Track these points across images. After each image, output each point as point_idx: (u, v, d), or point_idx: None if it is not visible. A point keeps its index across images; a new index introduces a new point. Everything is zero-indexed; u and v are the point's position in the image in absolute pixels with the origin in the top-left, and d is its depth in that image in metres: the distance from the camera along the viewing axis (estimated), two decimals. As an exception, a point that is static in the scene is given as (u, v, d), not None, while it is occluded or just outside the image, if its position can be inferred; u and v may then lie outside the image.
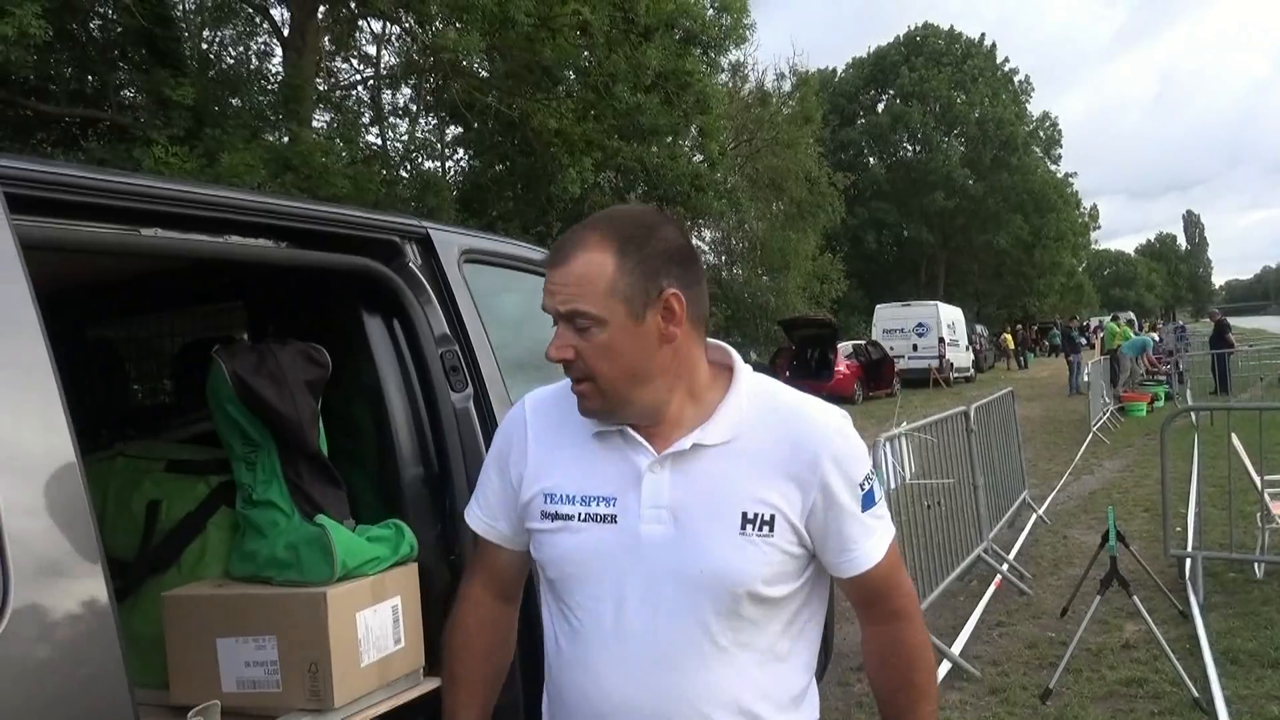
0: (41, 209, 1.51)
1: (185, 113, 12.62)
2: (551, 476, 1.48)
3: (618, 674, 1.42)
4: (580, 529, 1.44)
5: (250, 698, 2.01)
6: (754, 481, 1.40)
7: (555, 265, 1.39)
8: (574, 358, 1.37)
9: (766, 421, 1.44)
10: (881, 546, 1.47)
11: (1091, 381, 15.07)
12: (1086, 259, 64.93)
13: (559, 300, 1.36)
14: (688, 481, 1.41)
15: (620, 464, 1.44)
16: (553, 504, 1.46)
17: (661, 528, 1.40)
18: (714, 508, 1.40)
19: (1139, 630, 5.08)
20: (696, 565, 1.38)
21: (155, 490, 2.36)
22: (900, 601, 1.52)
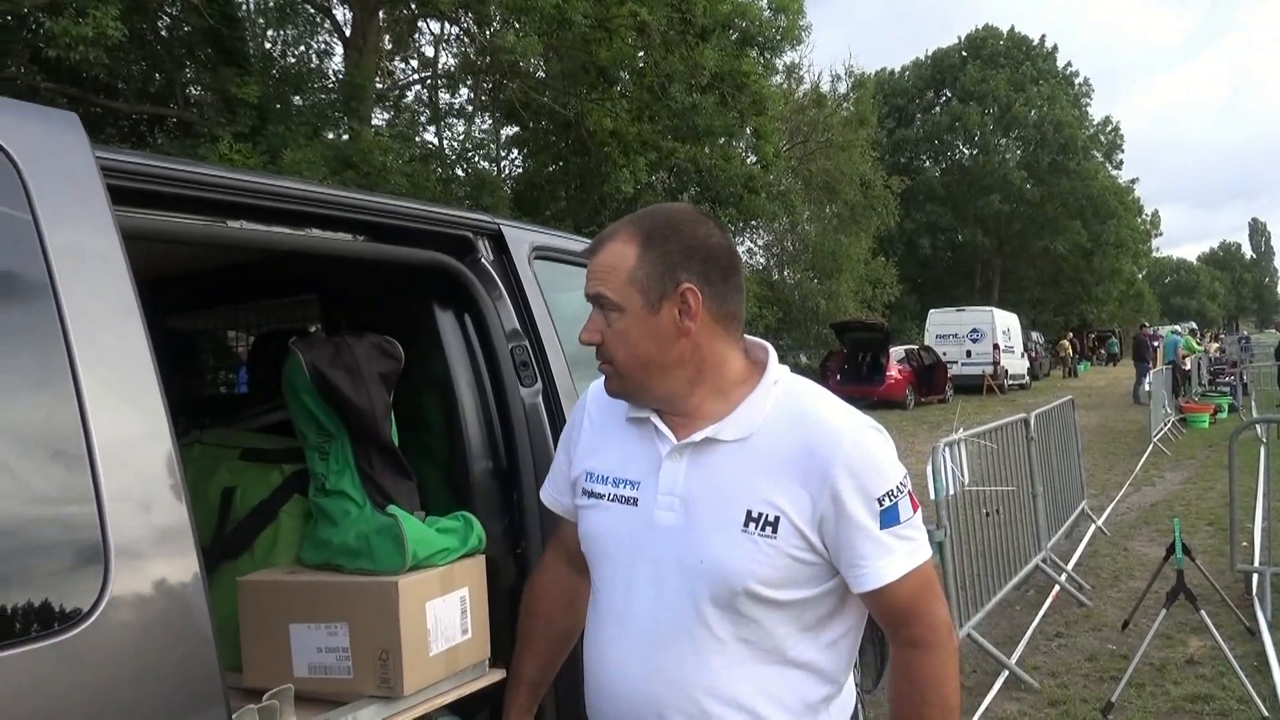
0: (138, 200, 1.56)
1: (249, 110, 12.87)
2: (595, 456, 1.58)
3: (620, 651, 1.49)
4: (608, 508, 1.53)
5: (322, 683, 2.05)
6: (763, 481, 1.41)
7: (590, 254, 1.49)
8: (601, 341, 1.47)
9: (786, 423, 1.45)
10: (898, 567, 1.41)
11: (1153, 392, 14.71)
12: (1147, 266, 63.50)
13: (588, 285, 1.47)
14: (700, 473, 1.45)
15: (647, 450, 1.51)
16: (591, 482, 1.57)
17: (672, 515, 1.45)
18: (720, 502, 1.43)
19: (1204, 646, 4.96)
20: (696, 556, 1.42)
21: (230, 477, 2.41)
22: (920, 630, 1.45)
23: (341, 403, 2.17)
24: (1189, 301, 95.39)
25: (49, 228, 1.27)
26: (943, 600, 1.51)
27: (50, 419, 1.24)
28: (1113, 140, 50.89)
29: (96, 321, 1.30)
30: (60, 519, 1.23)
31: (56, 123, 1.37)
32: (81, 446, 1.23)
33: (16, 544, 1.19)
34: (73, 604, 1.20)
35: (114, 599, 1.22)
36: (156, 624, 1.28)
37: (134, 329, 1.34)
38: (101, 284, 1.32)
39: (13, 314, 1.25)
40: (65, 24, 10.34)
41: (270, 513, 2.36)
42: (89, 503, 1.22)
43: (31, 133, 1.32)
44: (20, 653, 1.14)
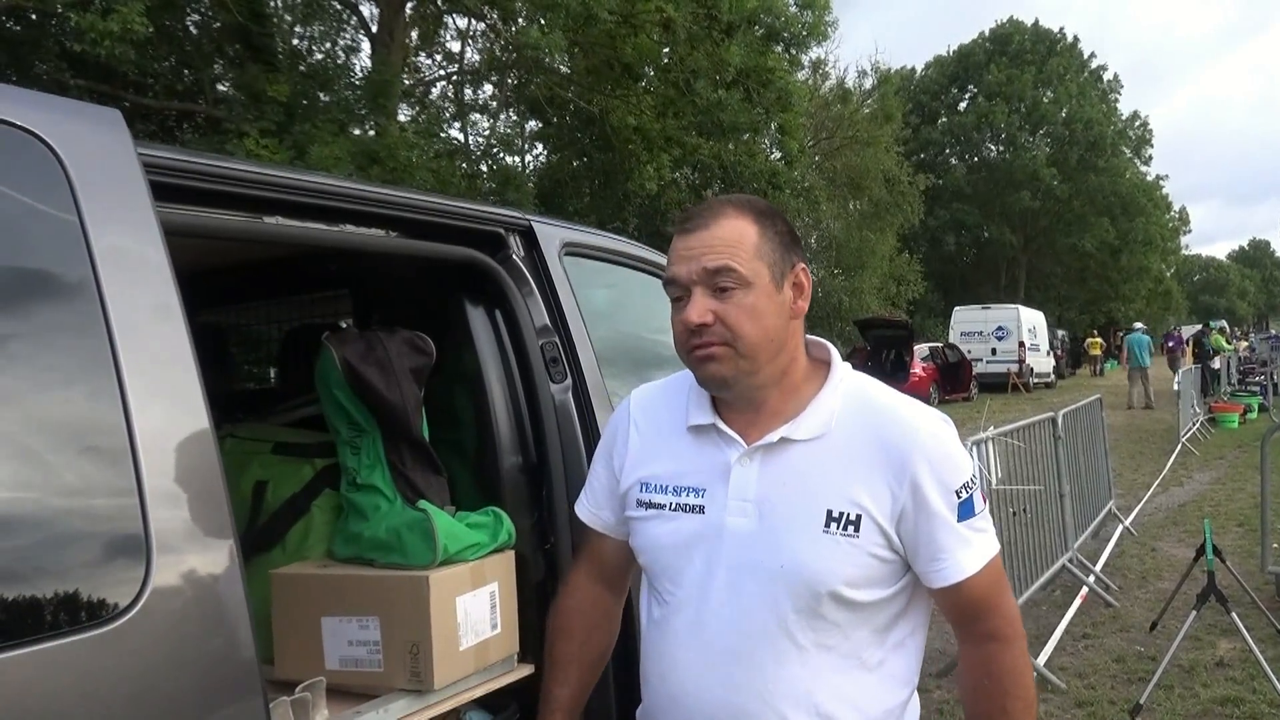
0: (177, 196, 1.57)
1: (277, 106, 12.95)
2: (649, 466, 1.53)
3: (695, 663, 1.43)
4: (671, 518, 1.47)
5: (353, 676, 2.07)
6: (842, 479, 1.39)
7: (694, 230, 1.40)
8: (713, 321, 1.38)
9: (859, 420, 1.43)
10: (978, 560, 1.42)
11: (1182, 391, 14.55)
12: (1175, 264, 62.77)
13: (706, 260, 1.37)
14: (775, 476, 1.41)
15: (712, 456, 1.46)
16: (648, 492, 1.51)
17: (746, 521, 1.40)
18: (799, 504, 1.39)
19: (1234, 648, 4.90)
20: (777, 561, 1.38)
21: (262, 471, 2.43)
22: (997, 623, 1.45)
23: (373, 398, 2.19)
24: (1218, 300, 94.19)
25: (93, 224, 1.29)
26: (1011, 592, 1.53)
27: (94, 414, 1.26)
28: (1141, 136, 50.33)
29: (139, 318, 1.31)
30: (103, 513, 1.25)
31: (101, 119, 1.38)
32: (124, 442, 1.25)
33: (61, 537, 1.21)
34: (115, 596, 1.21)
35: (155, 591, 1.24)
36: (196, 616, 1.29)
37: (175, 326, 1.36)
38: (144, 281, 1.34)
39: (58, 310, 1.27)
40: (92, 19, 10.44)
41: (302, 507, 2.38)
42: (131, 497, 1.24)
43: (77, 129, 1.33)
44: (65, 643, 1.16)
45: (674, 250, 1.42)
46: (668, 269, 1.42)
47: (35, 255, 1.26)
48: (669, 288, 1.42)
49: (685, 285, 1.39)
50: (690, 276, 1.38)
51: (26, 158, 1.27)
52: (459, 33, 19.00)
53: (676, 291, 1.41)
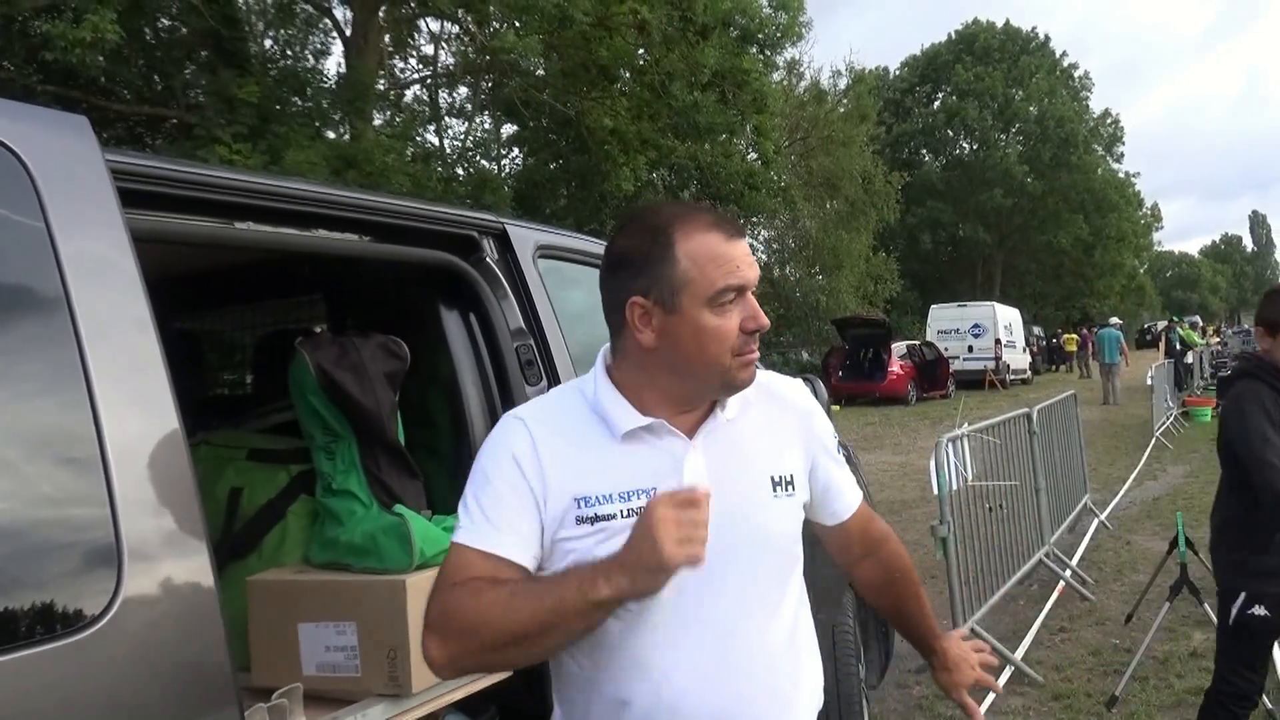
0: (147, 203, 1.56)
1: (250, 111, 12.87)
2: (581, 482, 1.41)
3: (688, 663, 1.40)
4: (626, 525, 1.38)
5: (330, 681, 2.06)
6: (771, 447, 1.51)
7: (740, 238, 1.42)
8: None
9: (760, 393, 1.52)
10: (858, 488, 1.67)
11: (1155, 386, 14.71)
12: (1148, 260, 63.42)
13: (755, 267, 1.42)
14: (719, 458, 1.45)
15: (653, 456, 1.43)
16: (589, 507, 1.40)
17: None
18: (747, 477, 1.46)
19: (1207, 639, 4.96)
20: (743, 535, 1.42)
21: (237, 478, 2.42)
22: (881, 525, 1.71)
23: (348, 403, 2.19)
24: (1191, 295, 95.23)
25: (61, 231, 1.28)
26: None
27: (63, 423, 1.25)
28: (1113, 133, 50.82)
29: (108, 326, 1.31)
30: (74, 522, 1.24)
31: (67, 125, 1.38)
32: (95, 450, 1.24)
33: (32, 547, 1.20)
34: (87, 605, 1.21)
35: (127, 600, 1.23)
36: (169, 624, 1.29)
37: (145, 333, 1.35)
38: (113, 288, 1.33)
39: (26, 318, 1.26)
40: (63, 27, 10.34)
41: (277, 513, 2.38)
42: (102, 506, 1.23)
43: (43, 136, 1.33)
44: (36, 653, 1.15)
45: (734, 256, 1.38)
46: (735, 273, 1.37)
47: (2, 263, 1.26)
48: (727, 292, 1.37)
49: (748, 289, 1.40)
50: (755, 281, 1.41)
51: (-9, 165, 1.26)
52: (432, 36, 18.96)
53: (733, 296, 1.38)
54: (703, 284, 1.36)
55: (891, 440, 15.51)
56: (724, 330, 1.38)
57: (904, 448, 14.37)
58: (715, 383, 1.43)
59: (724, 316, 1.38)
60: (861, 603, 3.81)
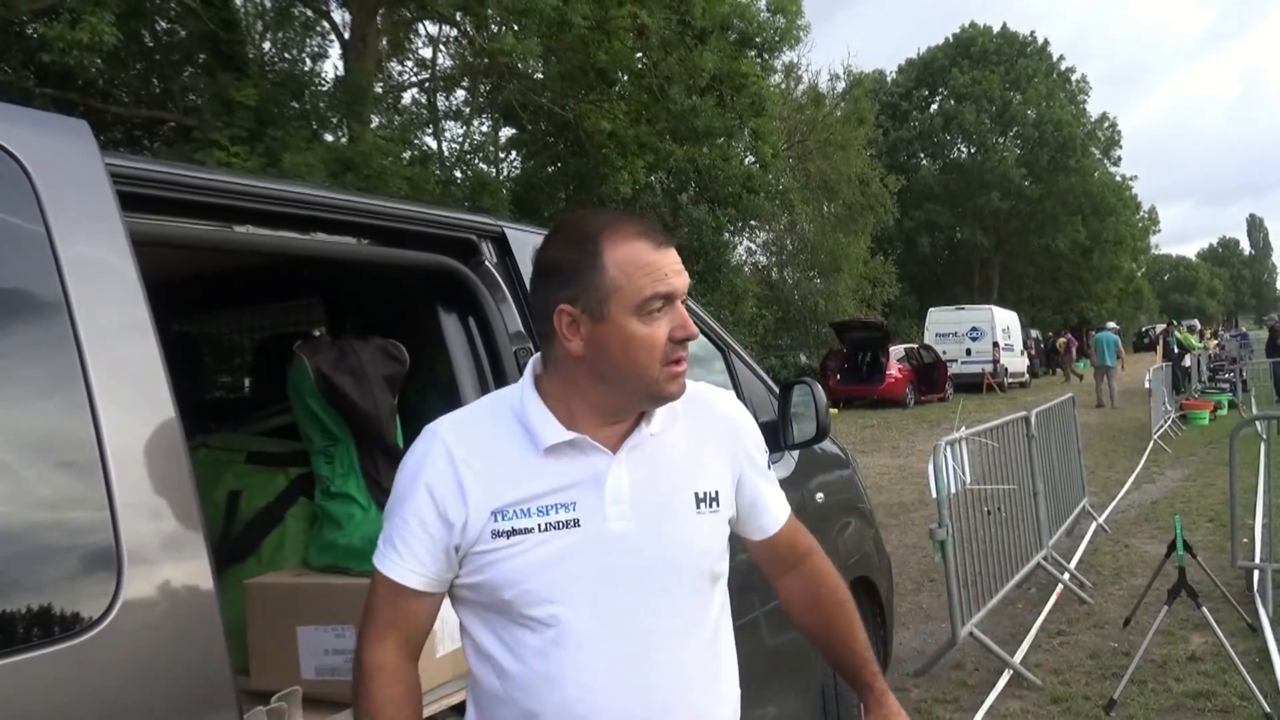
0: (146, 207, 1.57)
1: (248, 114, 12.87)
2: (501, 495, 1.40)
3: (604, 678, 1.39)
4: (542, 539, 1.38)
5: (329, 685, 2.06)
6: (696, 462, 1.49)
7: (670, 246, 1.40)
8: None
9: (689, 407, 1.50)
10: (786, 503, 1.64)
11: (1153, 389, 14.73)
12: (1146, 264, 63.51)
13: (683, 278, 1.40)
14: (642, 473, 1.44)
15: (575, 469, 1.41)
16: (505, 520, 1.39)
17: (625, 523, 1.41)
18: (670, 493, 1.45)
19: (1205, 642, 4.97)
20: (664, 552, 1.42)
21: (236, 481, 2.42)
22: (808, 538, 1.68)
23: (346, 406, 2.19)
24: (1188, 298, 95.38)
25: (61, 235, 1.28)
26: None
27: (63, 427, 1.25)
28: (1110, 137, 50.90)
29: (108, 330, 1.31)
30: (73, 525, 1.24)
31: (67, 129, 1.38)
32: (94, 453, 1.24)
33: (31, 550, 1.20)
34: (86, 608, 1.21)
35: (127, 603, 1.23)
36: (169, 627, 1.29)
37: (145, 336, 1.35)
38: (112, 292, 1.33)
39: (26, 322, 1.26)
40: (60, 29, 10.34)
41: (276, 516, 2.38)
42: (101, 509, 1.23)
43: (42, 140, 1.33)
44: (35, 656, 1.15)
45: (662, 264, 1.37)
46: (663, 280, 1.36)
47: (1, 267, 1.26)
48: (655, 300, 1.36)
49: (677, 298, 1.38)
50: (684, 290, 1.39)
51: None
52: (430, 39, 18.96)
53: (662, 304, 1.37)
54: (630, 291, 1.35)
55: (889, 443, 15.52)
56: (652, 339, 1.36)
57: (902, 451, 14.38)
58: (643, 393, 1.41)
59: (652, 325, 1.36)
60: (860, 606, 3.81)
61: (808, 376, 3.17)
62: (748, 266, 28.45)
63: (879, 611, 3.90)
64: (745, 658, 2.82)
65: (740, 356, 3.27)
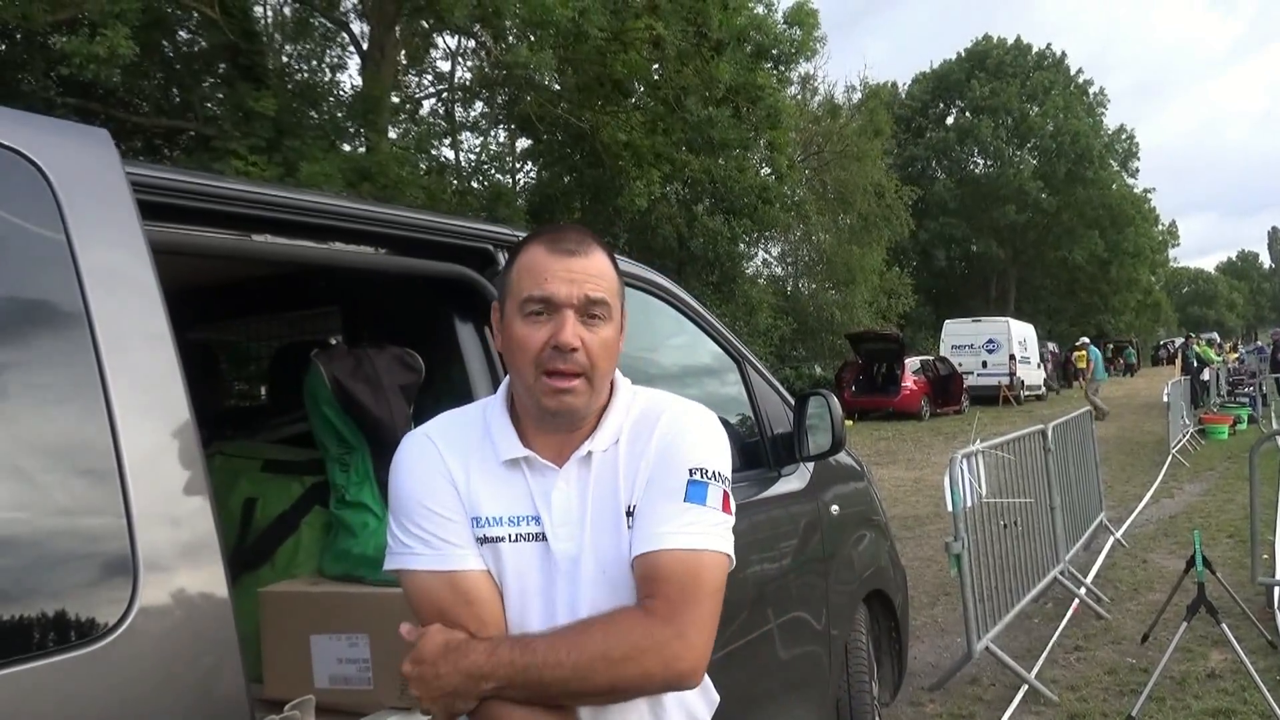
0: (166, 215, 1.57)
1: (266, 123, 12.98)
2: (479, 501, 1.45)
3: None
4: (511, 549, 1.43)
5: (342, 695, 2.06)
6: (627, 477, 1.45)
7: (575, 255, 1.41)
8: (580, 348, 1.39)
9: (639, 422, 1.48)
10: (675, 540, 1.37)
11: (1172, 403, 14.61)
12: (1164, 276, 63.12)
13: (589, 288, 1.39)
14: (586, 490, 1.45)
15: (530, 484, 1.45)
16: (480, 528, 1.43)
17: (571, 544, 1.43)
18: (606, 509, 1.44)
19: (1225, 659, 4.91)
20: (601, 568, 1.42)
21: (252, 489, 2.43)
22: (660, 603, 1.35)
23: (362, 414, 2.19)
24: (1207, 311, 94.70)
25: (81, 243, 1.29)
26: (707, 615, 1.38)
27: (81, 434, 1.25)
28: (1128, 149, 50.68)
29: (127, 338, 1.31)
30: (90, 532, 1.24)
31: (88, 138, 1.39)
32: (111, 461, 1.24)
33: (48, 556, 1.20)
34: (101, 615, 1.21)
35: (142, 610, 1.23)
36: (183, 635, 1.29)
37: (163, 344, 1.36)
38: (132, 300, 1.34)
39: (45, 329, 1.27)
40: (78, 43, 10.46)
41: (291, 524, 2.38)
42: (118, 516, 1.24)
43: (64, 148, 1.34)
44: (51, 663, 1.15)
45: (547, 268, 1.39)
46: (541, 284, 1.38)
47: (23, 275, 1.26)
48: (532, 303, 1.39)
49: (561, 306, 1.38)
50: (570, 299, 1.38)
51: (14, 178, 1.27)
52: (449, 52, 19.09)
53: (540, 308, 1.39)
54: (517, 290, 1.41)
55: (905, 456, 15.45)
56: (527, 340, 1.39)
57: (917, 463, 14.30)
58: (530, 402, 1.43)
59: (531, 327, 1.39)
60: (875, 619, 3.79)
61: (823, 388, 3.15)
62: (763, 277, 28.47)
63: (894, 625, 3.87)
64: (759, 671, 2.84)
65: (755, 367, 3.26)
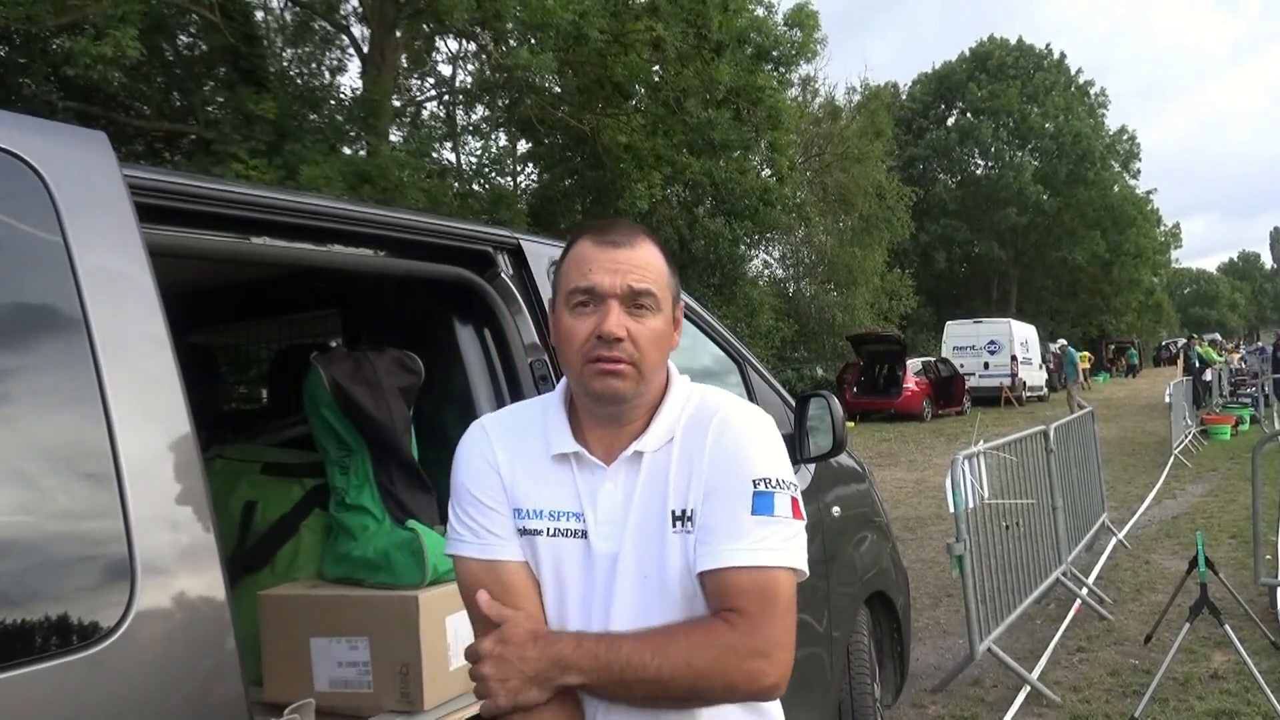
0: (164, 218, 1.57)
1: (267, 126, 12.98)
2: (522, 494, 1.47)
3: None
4: (547, 544, 1.45)
5: (342, 697, 2.06)
6: (679, 480, 1.43)
7: (620, 246, 1.42)
8: (625, 337, 1.39)
9: (694, 423, 1.47)
10: (745, 557, 1.36)
11: (1174, 403, 14.58)
12: (1166, 277, 63.04)
13: (633, 279, 1.40)
14: (633, 490, 1.44)
15: (579, 482, 1.46)
16: (520, 519, 1.46)
17: (612, 543, 1.42)
18: (652, 511, 1.43)
19: (1228, 660, 4.90)
20: (642, 571, 1.41)
21: (252, 492, 2.43)
22: (739, 616, 1.34)
23: (362, 417, 2.19)
24: (1209, 312, 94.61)
25: (79, 246, 1.29)
26: (787, 629, 1.38)
27: (78, 437, 1.25)
28: (1130, 150, 50.62)
29: (124, 341, 1.31)
30: (88, 536, 1.24)
31: (86, 141, 1.38)
32: (109, 464, 1.24)
33: (46, 560, 1.20)
34: (100, 619, 1.21)
35: (140, 614, 1.23)
36: (181, 638, 1.29)
37: (161, 348, 1.35)
38: (129, 303, 1.34)
39: (43, 332, 1.27)
40: (84, 44, 10.46)
41: (291, 527, 2.38)
42: (116, 519, 1.23)
43: (62, 151, 1.34)
44: (49, 667, 1.15)
45: (593, 259, 1.41)
46: (585, 276, 1.40)
47: (20, 277, 1.26)
48: (578, 294, 1.40)
49: (605, 296, 1.40)
50: (614, 289, 1.40)
51: (11, 180, 1.27)
52: (450, 56, 19.09)
53: (585, 299, 1.40)
54: (564, 283, 1.44)
55: (907, 457, 15.43)
56: (574, 331, 1.41)
57: (919, 465, 14.29)
58: (581, 389, 1.45)
59: (577, 318, 1.41)
60: (876, 621, 3.78)
61: (824, 389, 3.15)
62: (764, 279, 28.45)
63: (895, 626, 3.87)
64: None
65: (756, 369, 3.25)
